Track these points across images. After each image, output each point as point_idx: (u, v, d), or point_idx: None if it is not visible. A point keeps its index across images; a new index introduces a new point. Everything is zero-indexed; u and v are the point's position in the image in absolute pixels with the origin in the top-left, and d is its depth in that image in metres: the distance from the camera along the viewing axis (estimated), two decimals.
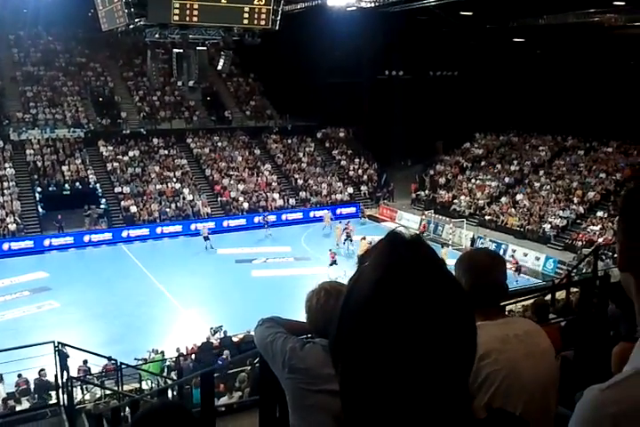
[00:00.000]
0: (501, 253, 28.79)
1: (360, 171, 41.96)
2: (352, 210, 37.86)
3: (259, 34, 22.16)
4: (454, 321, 0.82)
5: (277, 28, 21.51)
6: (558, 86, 36.96)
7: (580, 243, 28.97)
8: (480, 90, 42.31)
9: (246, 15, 20.64)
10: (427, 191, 39.33)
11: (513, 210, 33.73)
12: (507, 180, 37.10)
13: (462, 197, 36.69)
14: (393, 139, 42.07)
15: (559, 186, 34.45)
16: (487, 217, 34.12)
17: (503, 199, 35.28)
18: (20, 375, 14.96)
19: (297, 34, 34.65)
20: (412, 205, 39.06)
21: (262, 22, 21.02)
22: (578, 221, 31.22)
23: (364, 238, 27.21)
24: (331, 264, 24.99)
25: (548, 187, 34.69)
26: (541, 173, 36.60)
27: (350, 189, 39.72)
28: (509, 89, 40.51)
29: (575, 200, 32.68)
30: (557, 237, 30.58)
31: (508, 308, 9.20)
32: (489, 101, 41.02)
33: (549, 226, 31.11)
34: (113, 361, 13.89)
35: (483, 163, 40.12)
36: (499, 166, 38.88)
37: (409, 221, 35.63)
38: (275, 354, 2.22)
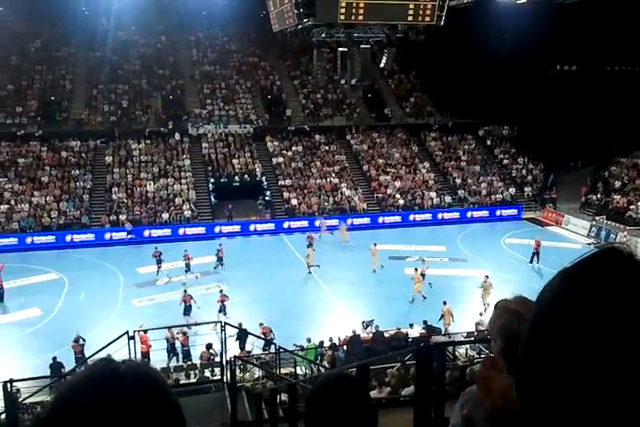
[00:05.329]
0: None
1: (524, 171, 40.03)
2: (513, 212, 36.33)
3: (423, 30, 22.01)
4: None
5: (442, 23, 21.19)
6: None
7: None
8: None
9: (411, 12, 20.57)
10: (599, 195, 36.51)
11: None
12: None
13: None
14: (562, 138, 39.50)
15: None
16: None
17: None
18: (209, 346, 16.03)
19: (461, 29, 33.75)
20: (582, 209, 36.49)
21: (427, 19, 20.82)
22: None
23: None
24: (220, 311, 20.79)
25: None
26: None
27: (512, 190, 38.05)
28: None
29: None
30: None
31: None
32: None
33: None
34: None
35: None
36: None
37: (576, 227, 33.38)
38: None
